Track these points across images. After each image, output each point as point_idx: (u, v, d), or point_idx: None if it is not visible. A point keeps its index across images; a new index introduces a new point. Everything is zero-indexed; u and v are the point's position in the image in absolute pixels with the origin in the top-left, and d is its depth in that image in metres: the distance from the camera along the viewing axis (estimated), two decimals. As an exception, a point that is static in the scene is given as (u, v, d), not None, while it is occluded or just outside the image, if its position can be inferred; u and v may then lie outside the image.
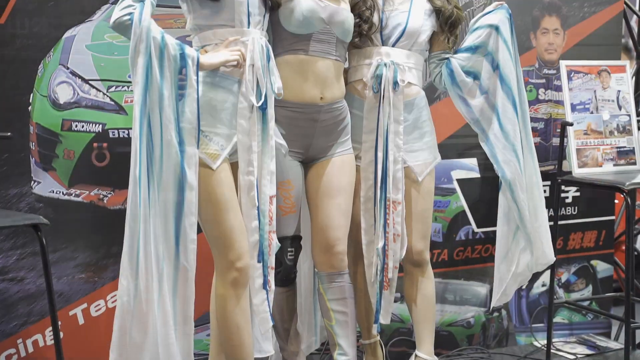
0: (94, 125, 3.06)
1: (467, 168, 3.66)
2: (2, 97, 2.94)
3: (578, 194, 3.93)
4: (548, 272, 3.70)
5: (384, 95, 2.79)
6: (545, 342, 3.67)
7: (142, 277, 2.31)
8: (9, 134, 2.83)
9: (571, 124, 3.53)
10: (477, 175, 3.67)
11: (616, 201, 4.14)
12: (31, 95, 2.98)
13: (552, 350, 3.65)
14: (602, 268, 4.01)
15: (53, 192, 3.03)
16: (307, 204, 2.82)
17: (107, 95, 3.06)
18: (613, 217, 4.04)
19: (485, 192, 3.64)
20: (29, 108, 2.98)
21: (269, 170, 2.52)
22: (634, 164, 3.65)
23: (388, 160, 2.81)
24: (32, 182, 3.00)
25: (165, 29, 2.35)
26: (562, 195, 3.86)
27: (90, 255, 3.09)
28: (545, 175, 3.82)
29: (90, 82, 3.05)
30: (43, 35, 2.97)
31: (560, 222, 3.76)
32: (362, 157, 2.85)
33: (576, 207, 3.94)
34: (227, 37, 2.46)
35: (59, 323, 2.75)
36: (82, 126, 3.05)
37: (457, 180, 3.64)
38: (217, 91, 2.45)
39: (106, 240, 3.08)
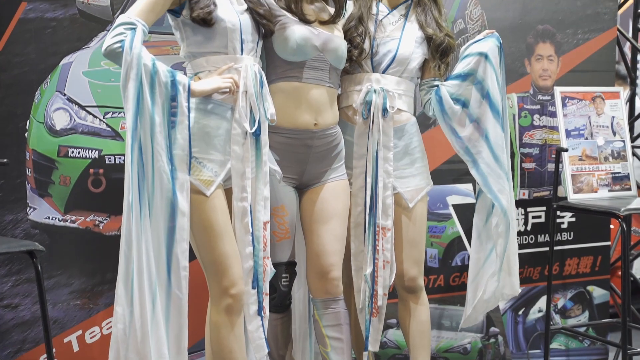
0: (90, 151, 3.07)
1: (463, 193, 3.67)
2: (-1, 124, 2.96)
3: (574, 219, 3.93)
4: (544, 298, 3.70)
5: (373, 122, 2.80)
6: (542, 368, 3.66)
7: (137, 304, 2.30)
8: (5, 160, 2.84)
9: (566, 150, 3.55)
10: (472, 200, 3.65)
11: (612, 226, 4.14)
12: (28, 121, 2.99)
13: (549, 377, 3.65)
14: (598, 294, 4.01)
15: (49, 218, 3.03)
16: (301, 229, 2.82)
17: (104, 122, 3.07)
18: (609, 243, 4.04)
19: (481, 217, 3.65)
20: (26, 134, 2.99)
21: (263, 196, 2.53)
22: (629, 189, 3.66)
23: (377, 187, 2.81)
24: (28, 208, 3.01)
25: (162, 56, 2.38)
26: (558, 220, 3.87)
27: (85, 281, 3.09)
28: (540, 201, 3.84)
29: (86, 108, 3.06)
30: (40, 62, 2.99)
31: (556, 248, 3.76)
32: (353, 182, 2.85)
33: (572, 233, 3.94)
34: (220, 63, 2.48)
35: (54, 350, 2.75)
36: (79, 152, 3.06)
37: (453, 205, 3.64)
38: (210, 118, 2.46)
39: (101, 266, 3.08)
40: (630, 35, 4.26)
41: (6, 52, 2.93)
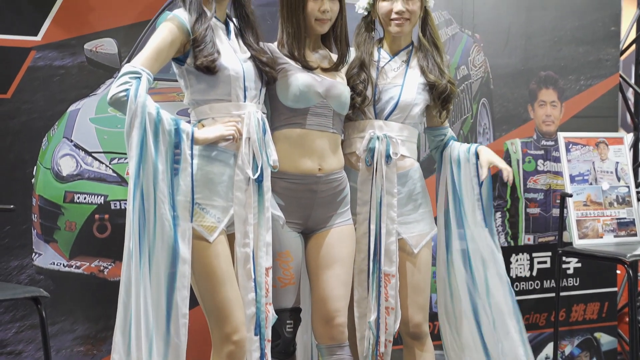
0: (95, 197, 3.09)
1: (468, 239, 3.65)
2: (6, 170, 2.98)
3: (579, 265, 3.92)
4: (551, 345, 3.66)
5: (376, 168, 2.81)
6: (550, 416, 3.61)
7: (134, 353, 2.29)
8: (11, 206, 2.86)
9: (570, 195, 3.55)
10: (477, 246, 3.65)
11: (618, 272, 4.12)
12: (35, 167, 3.02)
13: None
14: (605, 340, 3.97)
15: (54, 264, 3.04)
16: (307, 275, 2.82)
17: (110, 167, 3.10)
18: (615, 289, 4.02)
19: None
20: (32, 180, 3.02)
21: (265, 242, 2.53)
22: (635, 235, 3.65)
23: (381, 233, 2.81)
24: (33, 254, 3.02)
25: (167, 102, 2.40)
26: (564, 266, 3.86)
27: (89, 327, 3.08)
28: (546, 246, 3.83)
29: (93, 154, 3.09)
30: (48, 109, 3.03)
31: (562, 294, 3.74)
32: (357, 229, 2.84)
33: (578, 279, 3.92)
34: (223, 111, 2.50)
35: (56, 397, 2.73)
36: (84, 198, 3.08)
37: (458, 251, 3.63)
38: (213, 164, 2.48)
39: (105, 312, 3.07)
40: (632, 81, 4.29)
41: (15, 99, 2.97)
